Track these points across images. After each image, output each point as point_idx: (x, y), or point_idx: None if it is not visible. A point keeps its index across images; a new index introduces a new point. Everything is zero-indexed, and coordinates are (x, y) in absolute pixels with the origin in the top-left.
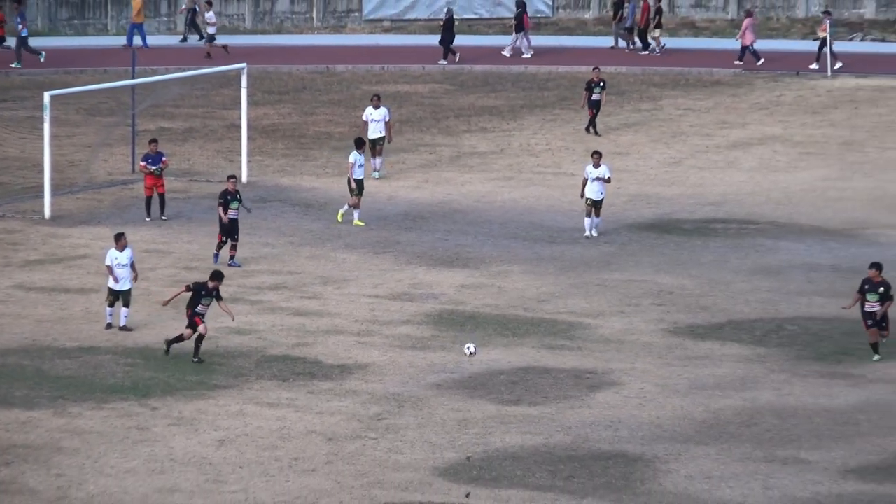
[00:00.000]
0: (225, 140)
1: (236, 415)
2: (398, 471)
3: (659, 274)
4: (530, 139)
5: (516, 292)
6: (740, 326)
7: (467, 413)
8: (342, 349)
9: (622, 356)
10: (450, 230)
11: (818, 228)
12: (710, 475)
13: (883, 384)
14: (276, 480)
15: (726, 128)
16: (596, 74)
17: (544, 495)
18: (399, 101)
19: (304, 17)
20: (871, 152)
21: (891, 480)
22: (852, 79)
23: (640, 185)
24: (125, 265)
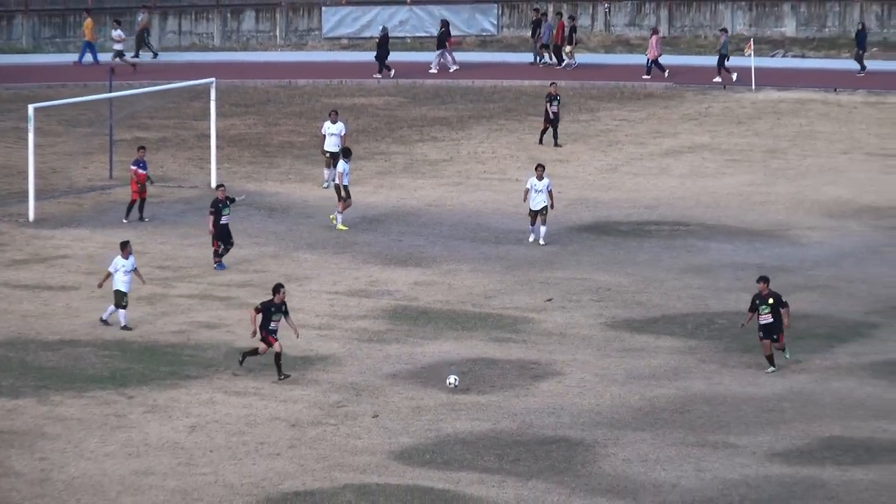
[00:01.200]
0: (195, 149)
1: (207, 403)
2: (356, 455)
3: (597, 272)
4: (477, 148)
5: (465, 289)
6: (673, 321)
7: (420, 401)
8: (304, 342)
9: (564, 348)
10: (403, 232)
11: (745, 230)
12: (645, 458)
13: (806, 374)
14: (244, 463)
15: (659, 137)
16: (553, 89)
17: (492, 477)
18: (356, 112)
19: (268, 35)
20: (792, 159)
21: (813, 463)
22: (775, 91)
23: (579, 190)
24: (129, 271)
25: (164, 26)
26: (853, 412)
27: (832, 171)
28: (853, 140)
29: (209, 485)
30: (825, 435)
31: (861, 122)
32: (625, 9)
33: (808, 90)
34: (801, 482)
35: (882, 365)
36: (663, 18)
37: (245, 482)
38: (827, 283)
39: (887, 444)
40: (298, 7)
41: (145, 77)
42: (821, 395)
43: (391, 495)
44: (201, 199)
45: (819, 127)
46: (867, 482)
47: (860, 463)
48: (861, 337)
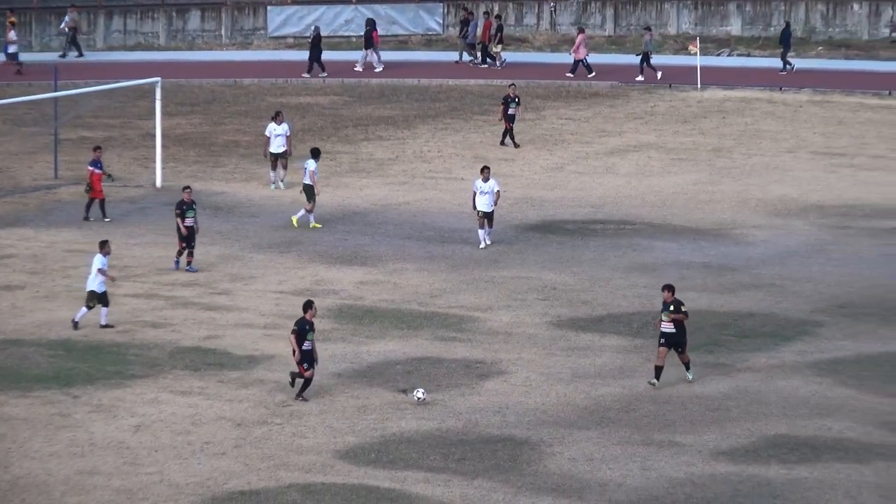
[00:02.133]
0: (141, 148)
1: (151, 402)
2: (302, 454)
3: (543, 271)
4: (423, 147)
5: (411, 288)
6: (619, 319)
7: (366, 400)
8: (250, 341)
9: (509, 347)
10: (349, 231)
11: (690, 229)
12: (591, 457)
13: (751, 373)
14: (189, 463)
15: (604, 136)
16: (512, 90)
17: (438, 476)
18: (301, 112)
19: (214, 35)
20: (738, 158)
21: (759, 462)
22: (720, 90)
23: (525, 189)
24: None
25: (110, 25)
26: (798, 410)
27: (778, 170)
28: (799, 139)
29: (154, 484)
30: (770, 433)
31: (806, 121)
32: (570, 8)
33: (754, 89)
34: (746, 480)
35: (827, 363)
36: (609, 17)
37: (190, 481)
38: (772, 281)
39: (832, 443)
40: (244, 6)
41: (89, 76)
42: (766, 394)
43: (336, 494)
44: (146, 199)
45: (764, 126)
46: (812, 480)
47: (805, 461)
48: (806, 335)
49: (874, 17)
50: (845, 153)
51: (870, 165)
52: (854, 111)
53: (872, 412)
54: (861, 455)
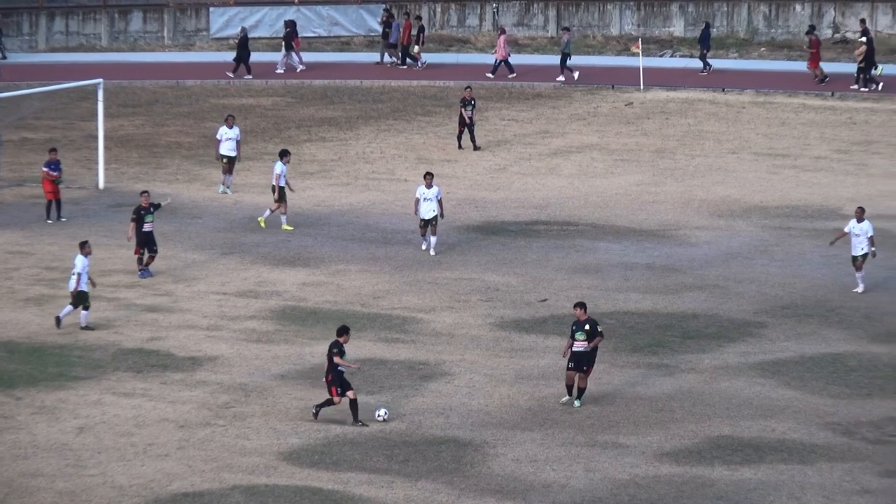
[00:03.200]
0: (83, 149)
1: (95, 404)
2: (245, 455)
3: (486, 272)
4: (366, 148)
5: (354, 289)
6: (562, 321)
7: (309, 402)
8: (193, 342)
9: (453, 348)
10: (292, 232)
11: (633, 230)
12: (535, 459)
13: (694, 374)
14: (132, 465)
15: (547, 137)
16: (468, 93)
17: (381, 478)
18: (244, 113)
19: (156, 36)
20: (681, 159)
21: (703, 463)
22: (663, 91)
23: (468, 190)
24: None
25: (52, 27)
26: (742, 412)
27: (721, 171)
28: (741, 140)
29: (98, 486)
30: (714, 434)
31: (749, 122)
32: (513, 9)
33: (697, 90)
34: (690, 482)
35: (770, 364)
36: (551, 18)
37: (134, 483)
38: (716, 282)
39: (775, 444)
40: (186, 7)
41: (33, 78)
42: (710, 395)
43: (280, 496)
44: (89, 200)
45: (707, 127)
46: (755, 481)
47: (749, 462)
48: (750, 337)
49: (817, 19)
50: (788, 154)
51: (812, 167)
52: (797, 112)
53: (815, 413)
54: (804, 456)
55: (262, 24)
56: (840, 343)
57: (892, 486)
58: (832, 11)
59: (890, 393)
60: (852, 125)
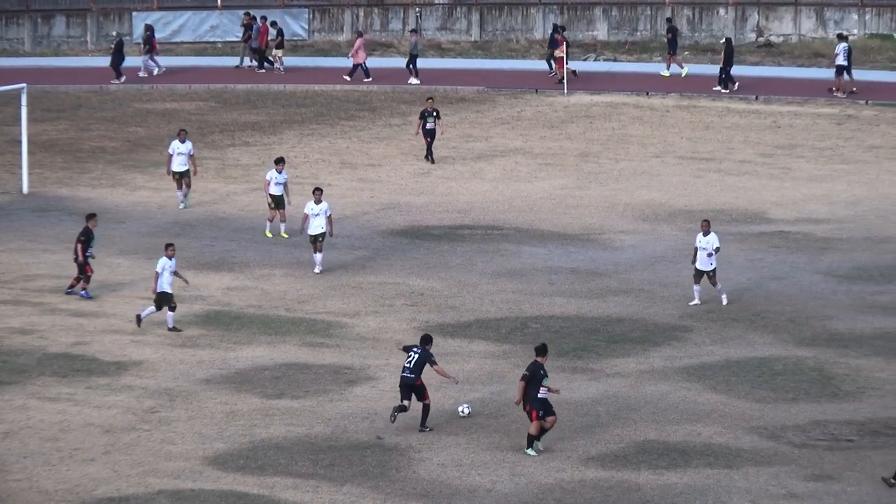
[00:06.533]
0: (6, 154)
1: (20, 409)
2: (171, 460)
3: (410, 276)
4: (289, 152)
5: (278, 294)
6: (487, 325)
7: (234, 406)
8: (118, 347)
9: (377, 353)
10: (216, 237)
11: (558, 234)
12: (461, 463)
13: (620, 378)
14: (58, 469)
15: (471, 141)
16: (430, 104)
17: (307, 482)
18: (167, 118)
19: (80, 41)
20: (605, 163)
21: (629, 468)
22: (587, 95)
23: (391, 194)
24: (173, 272)
25: None
26: (668, 416)
27: (645, 175)
28: (666, 143)
29: (23, 491)
30: (640, 439)
31: (674, 126)
32: (436, 13)
33: (621, 94)
34: (616, 486)
35: (695, 368)
36: (475, 22)
37: (59, 488)
38: (641, 286)
39: (701, 448)
40: (109, 12)
41: None
42: (635, 400)
43: (206, 500)
44: (12, 205)
45: (632, 130)
46: (682, 486)
47: (674, 467)
48: (675, 340)
49: (740, 22)
50: (712, 158)
51: (736, 170)
52: (721, 116)
53: (741, 417)
54: (730, 460)
55: (185, 28)
56: (765, 347)
57: (818, 490)
58: (756, 15)
59: (815, 397)
60: (776, 129)
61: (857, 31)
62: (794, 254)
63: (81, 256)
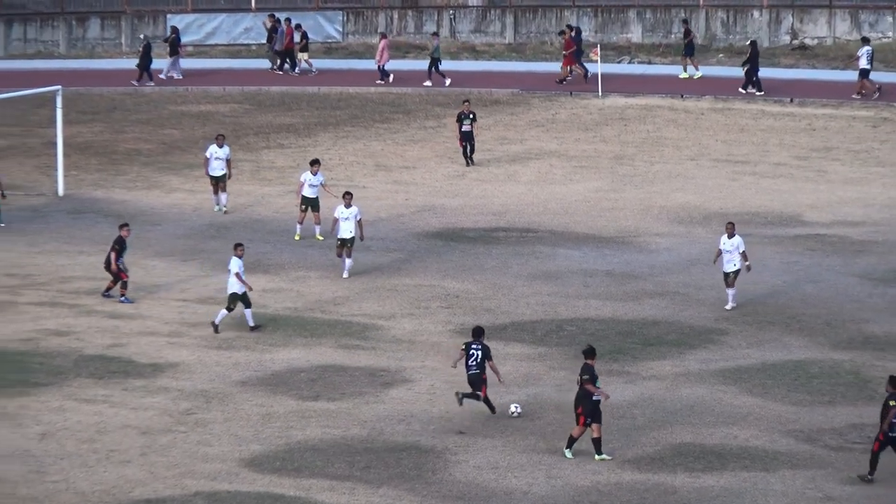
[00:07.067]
0: (42, 156)
1: (56, 410)
2: (207, 462)
3: (446, 279)
4: (324, 154)
5: (314, 296)
6: (522, 327)
7: (270, 408)
8: (154, 349)
9: (413, 355)
10: (251, 239)
11: (593, 236)
12: (497, 466)
13: (656, 381)
14: (95, 471)
15: (506, 143)
16: (466, 107)
17: (343, 484)
18: (202, 120)
19: (114, 43)
20: (640, 166)
21: (665, 470)
22: (622, 98)
23: (426, 196)
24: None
25: (10, 34)
26: (703, 419)
27: (680, 178)
28: (700, 146)
29: (60, 492)
30: (676, 442)
31: (708, 129)
32: (470, 15)
33: (655, 96)
34: (652, 489)
35: (731, 371)
36: (509, 25)
37: (96, 490)
38: (676, 289)
39: (737, 451)
40: (143, 14)
41: None
42: (671, 402)
43: (242, 502)
44: (48, 207)
45: (666, 133)
46: (718, 489)
47: (711, 469)
48: (711, 343)
49: (774, 25)
50: (747, 161)
51: (772, 173)
52: (755, 118)
53: (778, 420)
54: (767, 463)
55: (220, 30)
56: (802, 350)
57: (855, 494)
58: (790, 17)
59: (851, 400)
60: (812, 131)
61: (892, 34)
62: (830, 257)
63: (115, 265)
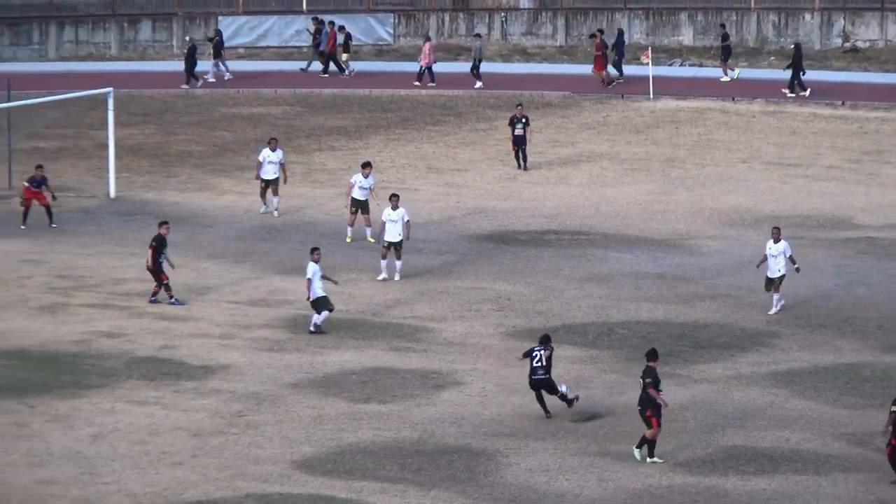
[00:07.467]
0: (94, 158)
1: (108, 412)
2: (258, 464)
3: (497, 281)
4: (376, 157)
5: (365, 298)
6: (573, 330)
7: (322, 410)
8: (205, 351)
9: (464, 357)
10: (303, 241)
11: (645, 239)
12: (548, 468)
13: (707, 384)
14: (146, 473)
15: (557, 146)
16: (519, 110)
17: (394, 486)
18: (254, 122)
19: (165, 45)
20: (691, 168)
21: (716, 473)
22: (673, 101)
23: (478, 199)
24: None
25: (62, 36)
26: (755, 422)
27: (732, 180)
28: (752, 149)
29: (112, 494)
30: (727, 444)
31: (760, 131)
32: (521, 18)
33: (707, 99)
34: (703, 492)
35: (783, 374)
36: (560, 27)
37: (148, 491)
38: (728, 292)
39: (789, 454)
40: (195, 17)
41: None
42: (723, 405)
43: None
44: (100, 209)
45: (718, 136)
46: (770, 492)
47: (762, 472)
48: (762, 346)
49: (826, 27)
50: (799, 163)
51: (823, 176)
52: (807, 121)
53: (829, 423)
54: (819, 466)
55: (271, 32)
56: (853, 353)
57: None
58: (842, 20)
59: None
60: (863, 134)
61: None
62: (882, 260)
63: (152, 263)
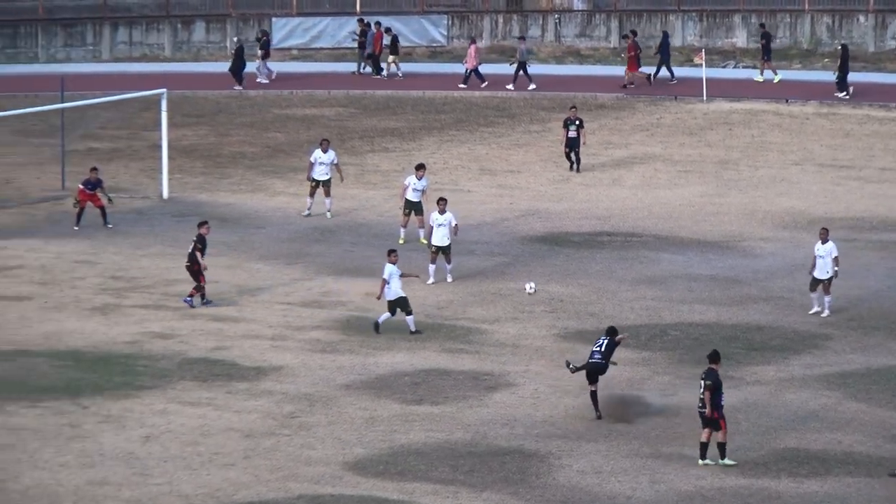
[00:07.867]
0: (147, 159)
1: (160, 413)
2: (310, 465)
3: (550, 283)
4: (429, 158)
5: (418, 300)
6: (626, 332)
7: (374, 412)
8: (257, 352)
9: (517, 359)
10: (355, 242)
11: (697, 241)
12: (600, 470)
13: (760, 386)
14: (198, 474)
15: (610, 148)
16: (573, 113)
17: (446, 488)
18: (307, 123)
19: (219, 46)
20: (744, 170)
21: (769, 475)
22: (726, 102)
23: (531, 201)
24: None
25: (115, 37)
26: (808, 424)
27: (785, 182)
28: (805, 151)
29: (164, 495)
30: (780, 447)
31: (813, 134)
32: (575, 20)
33: (760, 101)
34: (756, 494)
35: (836, 377)
36: (614, 29)
37: (199, 492)
38: (781, 294)
39: (842, 457)
40: (248, 18)
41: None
42: (775, 407)
43: None
44: (153, 210)
45: (771, 138)
46: (822, 494)
47: (815, 475)
48: (815, 348)
49: (880, 29)
50: (852, 166)
51: (877, 178)
52: (861, 123)
53: (882, 426)
54: (871, 469)
55: (325, 33)
56: None
57: None
58: None
59: None
60: None
61: None
62: None
63: (203, 263)
